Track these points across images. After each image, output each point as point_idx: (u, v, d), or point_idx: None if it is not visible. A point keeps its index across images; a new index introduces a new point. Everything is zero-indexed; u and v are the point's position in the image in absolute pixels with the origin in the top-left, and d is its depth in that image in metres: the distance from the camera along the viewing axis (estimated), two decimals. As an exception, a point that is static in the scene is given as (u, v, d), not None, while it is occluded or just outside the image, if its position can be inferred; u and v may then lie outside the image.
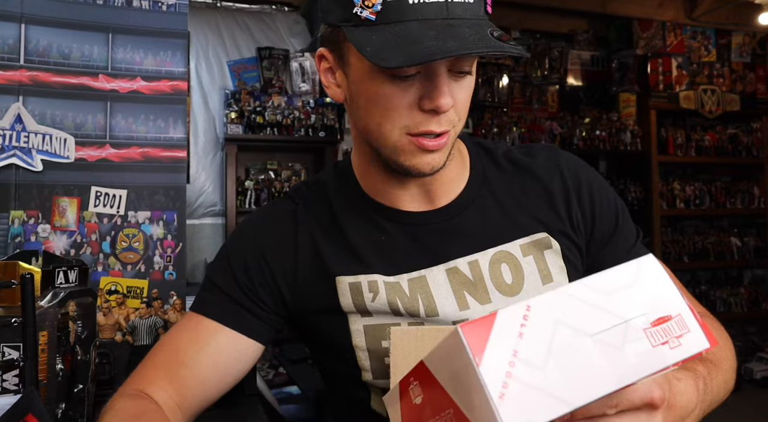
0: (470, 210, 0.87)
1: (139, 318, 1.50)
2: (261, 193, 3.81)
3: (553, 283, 0.85)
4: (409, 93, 0.74)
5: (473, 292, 0.84)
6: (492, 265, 0.84)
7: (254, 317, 0.88)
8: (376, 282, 0.85)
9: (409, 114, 0.75)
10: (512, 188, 0.89)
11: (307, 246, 0.89)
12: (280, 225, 0.92)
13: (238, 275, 0.89)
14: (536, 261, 0.85)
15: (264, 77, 4.03)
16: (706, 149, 4.71)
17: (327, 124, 3.90)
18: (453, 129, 0.78)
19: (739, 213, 4.79)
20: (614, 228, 0.90)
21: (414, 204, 0.88)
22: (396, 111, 0.75)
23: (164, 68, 1.74)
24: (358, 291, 0.85)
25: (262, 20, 4.13)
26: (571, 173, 0.90)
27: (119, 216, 1.68)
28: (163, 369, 0.85)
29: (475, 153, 0.93)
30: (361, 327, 0.86)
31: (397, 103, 0.75)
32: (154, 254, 1.71)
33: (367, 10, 0.71)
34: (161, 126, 1.72)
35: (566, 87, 4.73)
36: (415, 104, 0.74)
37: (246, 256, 0.90)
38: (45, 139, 1.60)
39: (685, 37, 4.77)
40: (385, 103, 0.75)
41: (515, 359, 0.45)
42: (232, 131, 3.71)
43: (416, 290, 0.84)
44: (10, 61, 1.62)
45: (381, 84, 0.74)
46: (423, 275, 0.85)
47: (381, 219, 0.88)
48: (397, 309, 0.84)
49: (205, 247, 3.79)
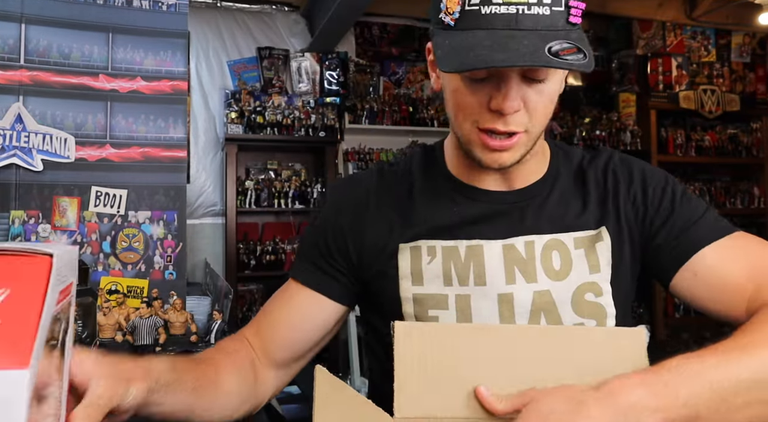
0: (537, 199, 0.94)
1: (140, 317, 1.50)
2: (261, 193, 3.82)
3: (599, 273, 0.91)
4: (480, 94, 0.82)
5: (523, 270, 0.90)
6: (545, 250, 0.91)
7: (332, 279, 0.97)
8: (435, 247, 0.91)
9: (479, 111, 0.83)
10: (577, 186, 0.97)
11: (378, 212, 0.97)
12: (357, 189, 1.00)
13: (319, 240, 0.99)
14: (587, 253, 0.91)
15: (264, 77, 4.04)
16: (706, 149, 4.71)
17: (327, 123, 3.90)
18: (525, 132, 0.85)
19: (739, 213, 4.79)
20: (667, 214, 0.94)
21: (493, 185, 0.95)
22: (468, 108, 0.84)
23: (164, 68, 1.74)
24: (417, 255, 0.92)
25: (262, 20, 4.13)
26: (623, 168, 0.98)
27: (119, 216, 1.68)
28: (257, 320, 1.00)
29: (555, 153, 1.01)
30: (411, 295, 0.91)
31: (468, 101, 0.83)
32: (155, 254, 1.71)
33: (448, 16, 0.79)
34: (161, 126, 1.72)
35: (566, 87, 4.71)
36: (485, 104, 0.82)
37: (326, 220, 1.00)
38: (45, 138, 1.60)
39: (685, 37, 4.77)
40: (460, 99, 0.84)
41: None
42: (232, 131, 3.72)
43: (471, 257, 0.90)
44: (11, 61, 1.62)
45: (458, 82, 0.83)
46: (481, 244, 0.91)
47: (455, 194, 0.96)
48: (449, 275, 0.90)
49: (205, 247, 3.79)
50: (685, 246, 0.89)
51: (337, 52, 4.18)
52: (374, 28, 4.41)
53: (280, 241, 3.91)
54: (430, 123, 4.23)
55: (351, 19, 3.79)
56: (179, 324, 1.66)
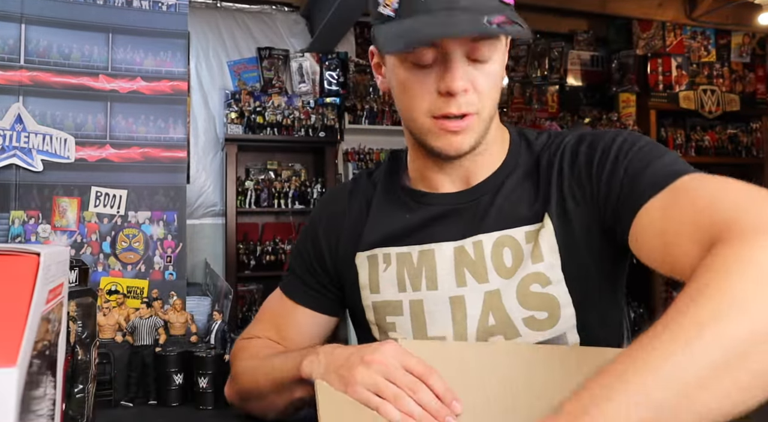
0: (487, 195, 0.92)
1: (140, 318, 1.50)
2: (261, 193, 3.81)
3: (543, 263, 0.85)
4: (429, 79, 0.83)
5: (473, 271, 0.89)
6: (495, 247, 0.89)
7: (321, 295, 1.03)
8: (390, 255, 0.94)
9: (430, 98, 0.83)
10: (530, 176, 0.91)
11: (351, 224, 1.00)
12: (336, 204, 1.04)
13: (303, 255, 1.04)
14: (534, 246, 0.86)
15: (264, 77, 4.04)
16: (705, 149, 4.71)
17: (327, 124, 3.90)
18: (477, 114, 0.84)
19: (739, 213, 4.78)
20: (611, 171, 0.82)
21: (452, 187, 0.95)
22: (419, 96, 0.84)
23: (164, 68, 1.74)
24: (374, 263, 0.95)
25: (262, 20, 4.13)
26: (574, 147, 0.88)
27: (119, 216, 1.68)
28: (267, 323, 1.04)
29: (517, 142, 0.96)
30: (370, 303, 0.95)
31: (419, 89, 0.84)
32: (154, 254, 1.71)
33: (388, 8, 0.81)
34: (161, 126, 1.72)
35: (566, 87, 4.73)
36: (434, 89, 0.83)
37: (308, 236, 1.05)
38: (45, 139, 1.60)
39: (685, 37, 4.77)
40: (410, 89, 0.85)
41: None
42: (232, 131, 3.72)
43: (423, 262, 0.91)
44: (11, 61, 1.62)
45: (406, 72, 0.84)
46: (432, 249, 0.92)
47: (408, 200, 0.97)
48: (403, 281, 0.92)
49: (205, 247, 3.79)
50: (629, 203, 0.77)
51: (337, 53, 4.18)
52: (374, 28, 4.41)
53: (280, 241, 3.90)
54: (430, 123, 4.23)
55: (351, 19, 3.78)
56: (179, 324, 1.66)
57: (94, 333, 1.02)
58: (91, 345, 0.98)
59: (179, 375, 1.20)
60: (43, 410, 0.50)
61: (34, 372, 0.46)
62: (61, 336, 0.57)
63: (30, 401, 0.46)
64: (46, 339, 0.50)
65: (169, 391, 1.19)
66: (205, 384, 1.15)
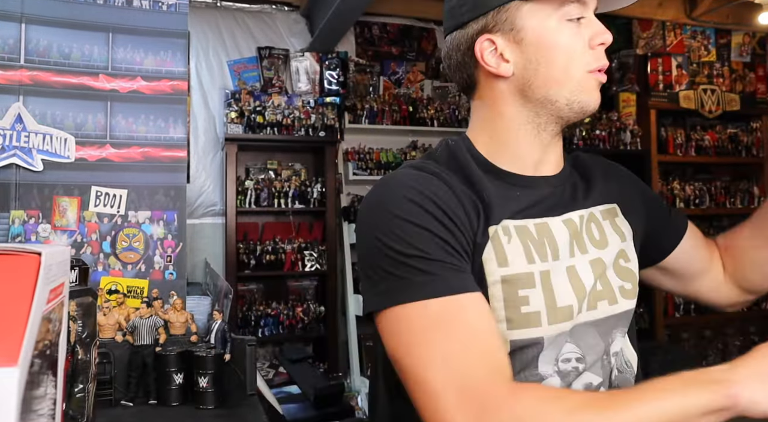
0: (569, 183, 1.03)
1: (140, 317, 1.50)
2: (261, 193, 3.81)
3: (626, 242, 1.00)
4: (582, 35, 0.90)
5: (578, 242, 0.96)
6: (586, 223, 0.98)
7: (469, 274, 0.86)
8: (508, 227, 0.93)
9: (586, 52, 0.91)
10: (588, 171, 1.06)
11: (465, 199, 0.91)
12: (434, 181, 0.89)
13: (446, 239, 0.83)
14: (612, 224, 1.01)
15: (264, 77, 4.04)
16: (705, 149, 4.71)
17: (327, 123, 3.90)
18: None
19: (739, 212, 4.78)
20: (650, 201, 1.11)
21: (548, 169, 1.01)
22: (578, 51, 0.90)
23: (164, 68, 1.74)
24: (496, 237, 0.91)
25: (262, 20, 4.13)
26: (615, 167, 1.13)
27: (119, 216, 1.68)
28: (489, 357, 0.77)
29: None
30: (500, 277, 0.88)
31: (576, 45, 0.90)
32: (155, 254, 1.71)
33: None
34: (161, 126, 1.72)
35: (566, 86, 4.73)
36: (586, 44, 0.90)
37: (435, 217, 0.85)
38: (45, 138, 1.60)
39: (685, 37, 4.77)
40: (567, 46, 0.90)
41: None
42: (232, 131, 3.72)
43: (543, 234, 0.94)
44: (11, 61, 1.62)
45: (560, 32, 0.90)
46: (545, 222, 0.95)
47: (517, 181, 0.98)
48: (530, 252, 0.91)
49: (206, 247, 3.79)
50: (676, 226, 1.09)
51: (337, 52, 4.18)
52: (374, 27, 4.41)
53: (280, 241, 3.91)
54: (430, 123, 4.23)
55: (351, 18, 3.78)
56: (179, 324, 1.66)
57: (95, 332, 1.02)
58: (91, 344, 0.98)
59: (179, 375, 1.20)
60: (43, 409, 0.50)
61: (35, 371, 0.46)
62: (62, 335, 0.57)
63: (31, 400, 0.46)
64: (47, 339, 0.50)
65: (169, 391, 1.19)
66: (205, 383, 1.15)
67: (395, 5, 4.26)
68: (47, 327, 0.50)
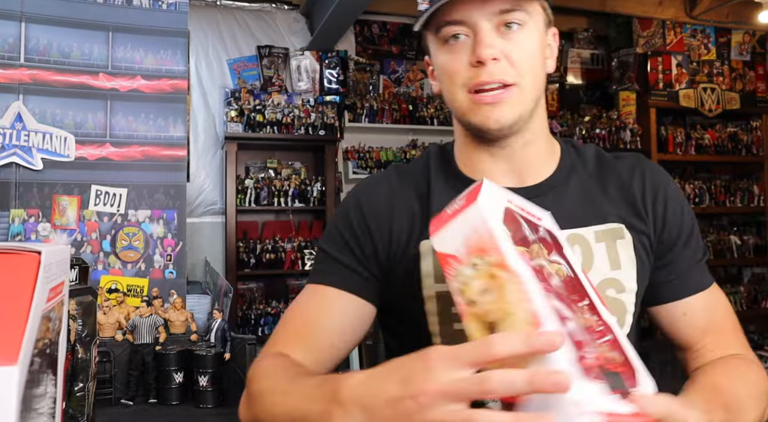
0: (552, 193, 0.94)
1: (140, 316, 1.51)
2: (261, 192, 3.81)
3: (620, 270, 0.91)
4: (462, 54, 0.87)
5: None
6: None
7: (366, 281, 0.95)
8: None
9: (465, 72, 0.87)
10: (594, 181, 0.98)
11: (402, 213, 0.96)
12: (379, 191, 0.99)
13: (348, 241, 0.96)
14: (607, 248, 0.91)
15: (264, 75, 4.03)
16: (705, 147, 4.71)
17: (327, 122, 3.90)
18: (516, 86, 0.87)
19: (739, 211, 4.79)
20: (677, 240, 0.97)
21: (504, 180, 0.95)
22: (456, 72, 0.88)
23: (164, 67, 1.74)
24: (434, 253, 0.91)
25: (262, 18, 4.13)
26: (652, 178, 0.99)
27: (119, 214, 1.68)
28: (296, 334, 0.93)
29: (566, 150, 1.01)
30: (435, 293, 0.90)
31: (454, 65, 0.88)
32: (155, 253, 1.71)
33: (423, 3, 0.87)
34: (161, 124, 1.72)
35: (566, 85, 4.73)
36: (467, 63, 0.87)
37: (351, 223, 0.97)
38: (45, 137, 1.60)
39: (685, 36, 4.77)
40: (447, 67, 0.89)
41: None
42: (231, 129, 3.71)
43: None
44: (11, 60, 1.62)
45: (443, 54, 0.89)
46: None
47: None
48: None
49: (205, 246, 3.79)
50: (682, 285, 0.96)
51: (336, 51, 4.18)
52: (374, 26, 4.41)
53: (280, 240, 3.91)
54: (430, 121, 4.23)
55: (351, 17, 3.78)
56: (179, 322, 1.66)
57: (94, 331, 1.02)
58: (91, 343, 0.98)
59: (179, 374, 1.20)
60: (43, 408, 0.50)
61: (34, 370, 0.46)
62: (62, 334, 0.57)
63: (31, 399, 0.46)
64: (47, 338, 0.50)
65: (169, 389, 1.19)
66: (205, 382, 1.15)
67: (395, 4, 4.25)
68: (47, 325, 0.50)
